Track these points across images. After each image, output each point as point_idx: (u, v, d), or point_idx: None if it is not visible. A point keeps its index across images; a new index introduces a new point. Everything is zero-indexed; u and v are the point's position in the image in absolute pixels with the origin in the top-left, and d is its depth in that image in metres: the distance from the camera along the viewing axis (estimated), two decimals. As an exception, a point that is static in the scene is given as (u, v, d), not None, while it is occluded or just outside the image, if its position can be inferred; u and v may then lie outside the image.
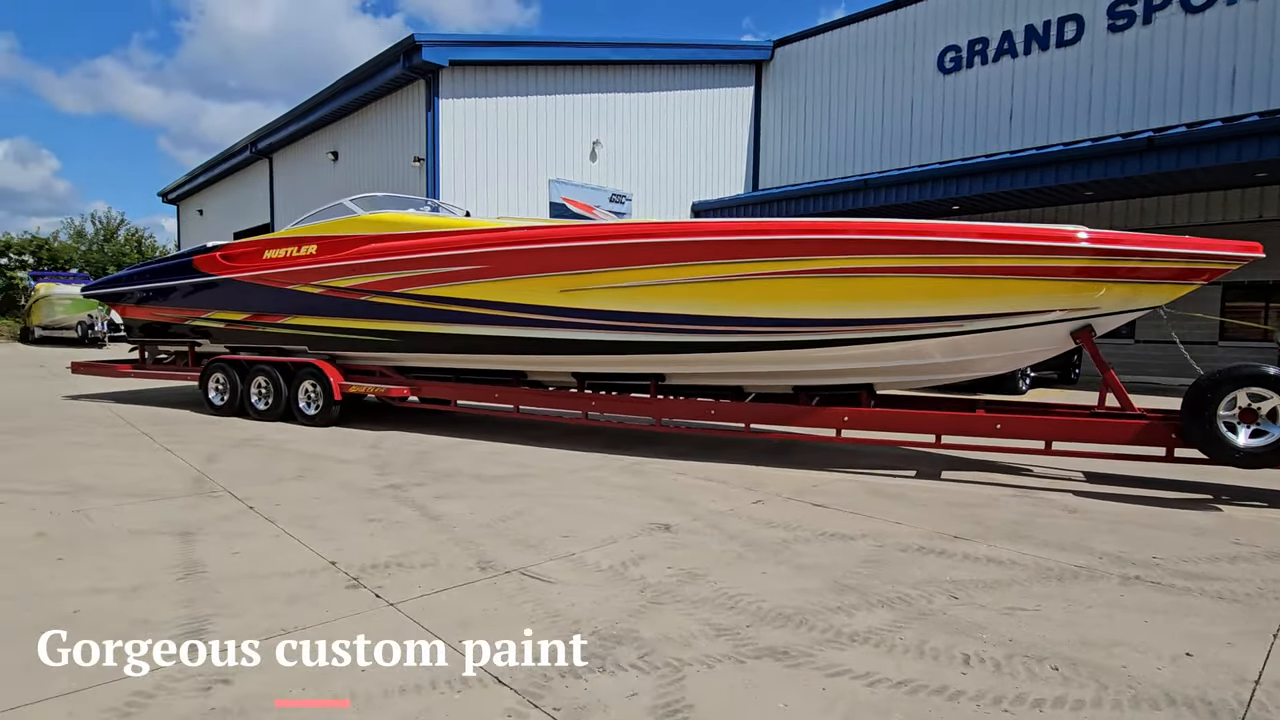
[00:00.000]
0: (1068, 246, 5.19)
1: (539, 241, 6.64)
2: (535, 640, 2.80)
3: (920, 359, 5.94)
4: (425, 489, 5.27)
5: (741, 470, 6.03)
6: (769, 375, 6.51)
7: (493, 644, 2.75)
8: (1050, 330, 5.57)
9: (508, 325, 6.93)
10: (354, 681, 2.49)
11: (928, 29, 18.51)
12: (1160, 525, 4.52)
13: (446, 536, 4.13)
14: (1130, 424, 5.22)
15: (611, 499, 5.05)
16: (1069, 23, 16.26)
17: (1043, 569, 3.70)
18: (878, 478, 5.82)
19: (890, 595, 3.32)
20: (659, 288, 6.19)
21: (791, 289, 5.83)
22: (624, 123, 18.69)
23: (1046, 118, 16.53)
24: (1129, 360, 15.05)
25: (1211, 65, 14.34)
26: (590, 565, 3.68)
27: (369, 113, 17.41)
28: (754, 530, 4.33)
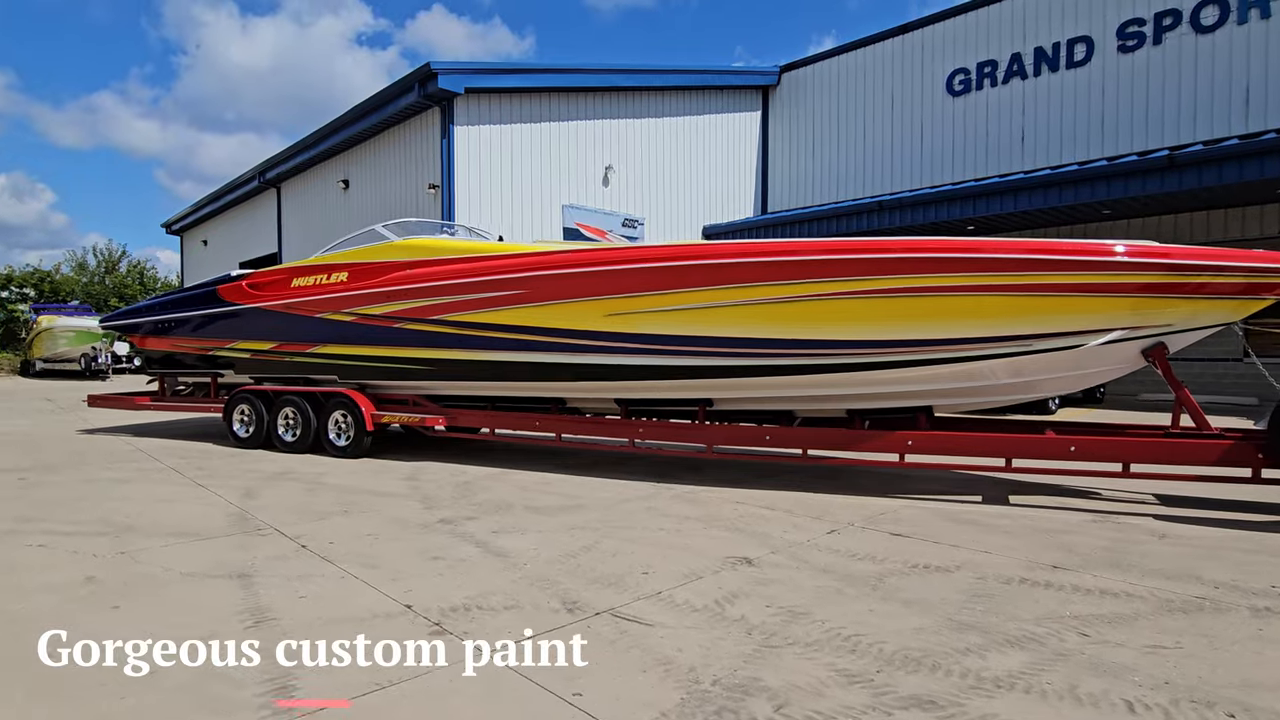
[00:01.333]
0: (1110, 261, 5.05)
1: (585, 265, 6.48)
2: (657, 691, 2.57)
3: (980, 380, 5.76)
4: (480, 523, 5.04)
5: (801, 498, 5.81)
6: (822, 399, 6.31)
7: (615, 698, 2.53)
8: (1119, 349, 5.40)
9: (550, 351, 6.74)
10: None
11: (935, 52, 18.64)
12: (1262, 550, 4.31)
13: (519, 575, 3.90)
14: (1214, 444, 5.03)
15: (678, 531, 4.82)
16: (1078, 45, 16.37)
17: (1162, 601, 3.49)
18: (945, 504, 5.61)
19: (1016, 634, 3.10)
20: (709, 310, 6.02)
21: (845, 310, 5.66)
22: (635, 148, 18.71)
23: (1059, 138, 16.56)
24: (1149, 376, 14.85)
25: (1225, 84, 14.40)
26: (683, 605, 3.46)
27: (381, 141, 17.40)
28: (841, 563, 4.11)
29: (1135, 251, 5.10)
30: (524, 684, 2.65)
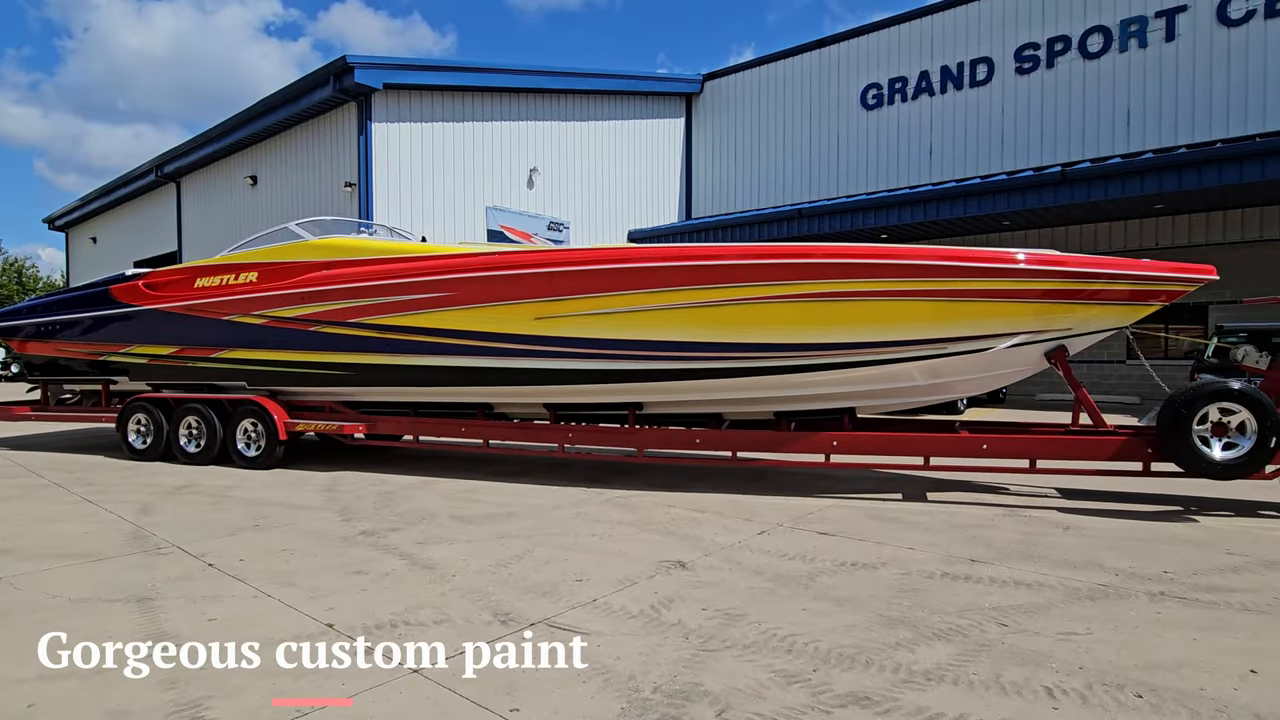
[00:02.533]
0: (1013, 268, 5.36)
1: (512, 267, 6.35)
2: (597, 702, 2.51)
3: (899, 382, 5.98)
4: (404, 534, 4.84)
5: (731, 500, 5.87)
6: (750, 401, 6.40)
7: (554, 711, 2.46)
8: (1025, 352, 5.71)
9: (476, 355, 6.58)
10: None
11: (850, 67, 19.36)
12: (1155, 539, 4.64)
13: (448, 587, 3.76)
14: (1109, 440, 5.39)
15: (611, 536, 4.78)
16: (980, 65, 17.36)
17: (1071, 589, 3.69)
18: (869, 502, 5.78)
19: (942, 627, 3.20)
20: (638, 314, 6.01)
21: (772, 314, 5.77)
22: (560, 151, 18.58)
23: (964, 153, 17.50)
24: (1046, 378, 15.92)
25: (1109, 106, 15.58)
26: (619, 611, 3.41)
27: (294, 136, 16.61)
28: (773, 563, 4.16)
29: (1034, 259, 5.41)
30: (458, 702, 2.54)
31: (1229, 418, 5.02)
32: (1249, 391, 4.95)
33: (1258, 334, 11.46)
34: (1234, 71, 14.11)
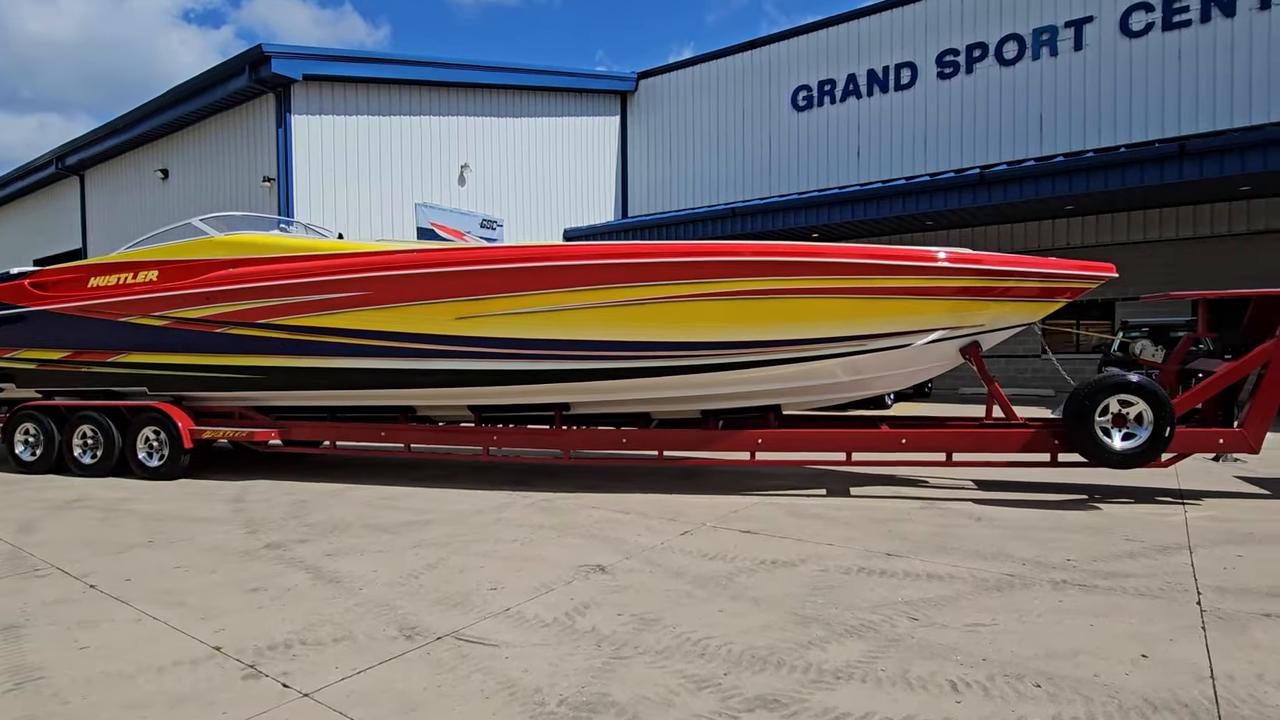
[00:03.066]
0: (933, 266, 5.50)
1: (432, 265, 6.15)
2: (500, 719, 2.41)
3: (822, 379, 6.05)
4: (312, 546, 4.61)
5: (656, 500, 5.82)
6: (678, 400, 6.37)
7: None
8: (941, 348, 5.85)
9: (396, 356, 6.34)
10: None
11: (781, 68, 19.64)
12: (1060, 527, 4.81)
13: (353, 602, 3.58)
14: (1019, 433, 5.57)
15: (531, 541, 4.66)
16: (904, 69, 17.85)
17: (979, 580, 3.77)
18: (792, 498, 5.82)
19: (854, 623, 3.21)
20: (563, 313, 5.90)
21: (698, 312, 5.75)
22: (493, 147, 18.25)
23: (889, 154, 17.97)
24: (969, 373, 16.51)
25: (1024, 111, 16.25)
26: (532, 620, 3.30)
27: (208, 128, 15.79)
28: (693, 564, 4.12)
29: (954, 258, 5.56)
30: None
31: (1128, 409, 5.25)
32: (1145, 384, 5.18)
33: (1159, 328, 12.14)
34: (1135, 80, 14.91)
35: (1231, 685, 2.61)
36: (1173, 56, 14.54)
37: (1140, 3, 14.83)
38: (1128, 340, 5.74)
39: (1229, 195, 13.70)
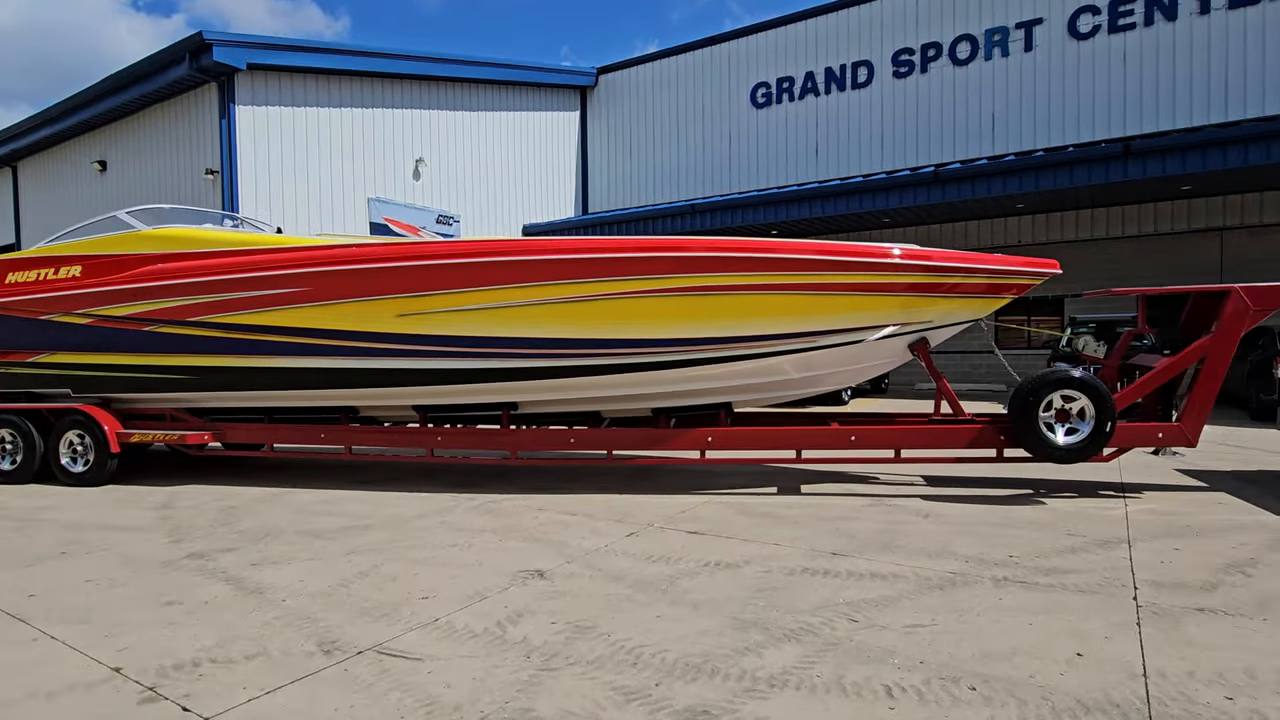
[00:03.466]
0: (887, 263, 5.49)
1: (372, 261, 5.93)
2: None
3: (774, 376, 5.99)
4: (238, 555, 4.39)
5: (606, 501, 5.70)
6: (628, 399, 6.26)
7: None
8: (891, 344, 5.84)
9: (336, 355, 6.11)
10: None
11: (740, 65, 19.65)
12: (1005, 523, 4.82)
13: (273, 615, 3.39)
14: (966, 429, 5.58)
15: (471, 546, 4.50)
16: (860, 68, 18.00)
17: (923, 579, 3.74)
18: (743, 497, 5.76)
19: (794, 627, 3.14)
20: (509, 310, 5.74)
21: (647, 308, 5.65)
22: (450, 141, 17.92)
23: (847, 152, 18.11)
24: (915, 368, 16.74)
25: (976, 110, 16.50)
26: (462, 631, 3.16)
27: (148, 118, 15.18)
28: (636, 567, 4.01)
29: (907, 254, 5.55)
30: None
31: (1070, 404, 5.30)
32: (1088, 379, 5.23)
33: (1104, 324, 12.42)
34: (1083, 81, 15.23)
35: (1163, 683, 2.59)
36: (1118, 59, 14.89)
37: (1087, 5, 15.16)
38: (1073, 336, 5.80)
39: (1171, 195, 14.08)
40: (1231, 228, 14.14)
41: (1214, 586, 3.58)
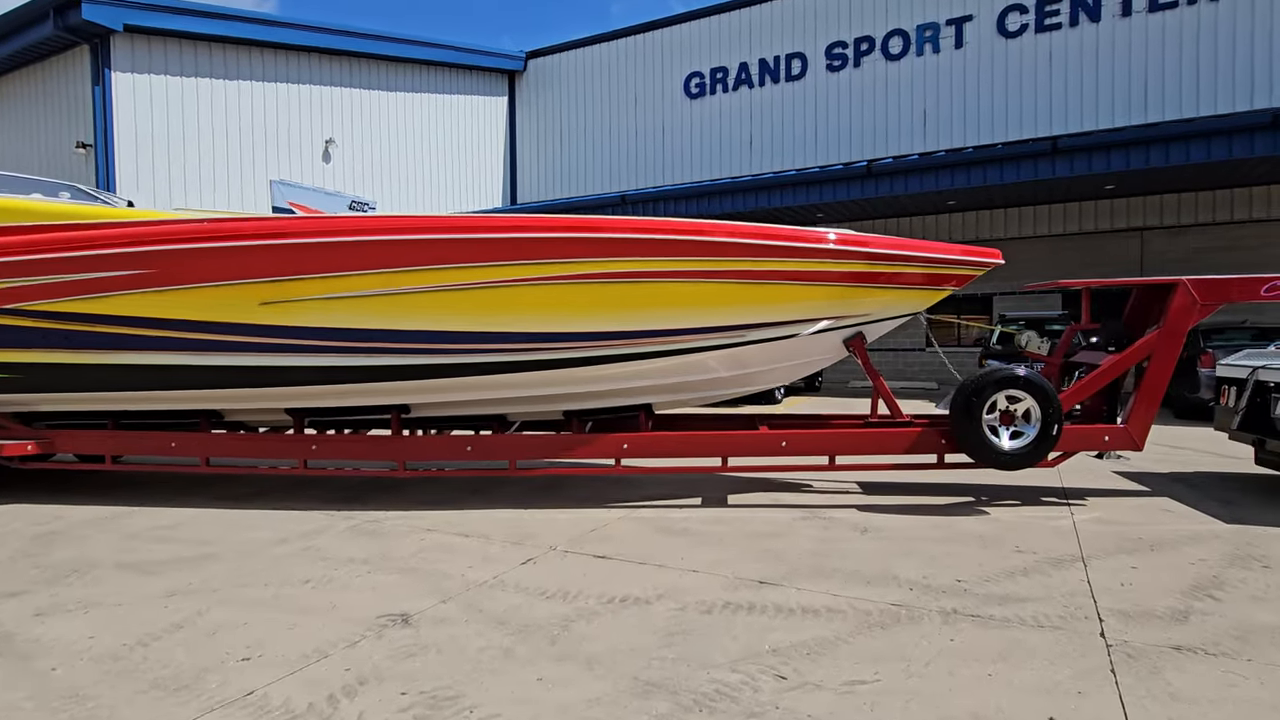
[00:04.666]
0: (823, 248, 4.97)
1: (231, 238, 5.03)
2: None
3: (700, 374, 5.39)
4: (24, 600, 3.49)
5: (506, 518, 4.98)
6: (536, 400, 5.55)
7: None
8: (826, 339, 5.32)
9: (187, 351, 5.18)
10: None
11: (674, 54, 19.13)
12: (948, 538, 4.33)
13: (24, 693, 2.56)
14: (904, 433, 5.10)
15: (330, 581, 3.71)
16: (794, 60, 17.73)
17: (862, 615, 3.17)
18: (663, 511, 5.12)
19: (707, 689, 2.51)
20: (396, 298, 4.95)
21: (557, 297, 4.96)
22: (365, 123, 16.76)
23: (781, 145, 17.82)
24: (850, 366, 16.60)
25: (908, 106, 16.43)
26: (277, 710, 2.41)
27: (10, 84, 13.53)
28: (525, 606, 3.32)
29: (843, 239, 5.03)
30: None
31: (1015, 405, 4.87)
32: (1033, 379, 4.82)
33: (1034, 322, 12.39)
34: (1011, 79, 15.31)
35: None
36: (1045, 58, 15.00)
37: (1015, 4, 15.23)
38: (1013, 332, 5.47)
39: (1095, 194, 14.24)
40: (1151, 228, 14.42)
41: (1184, 616, 3.14)
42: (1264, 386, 5.39)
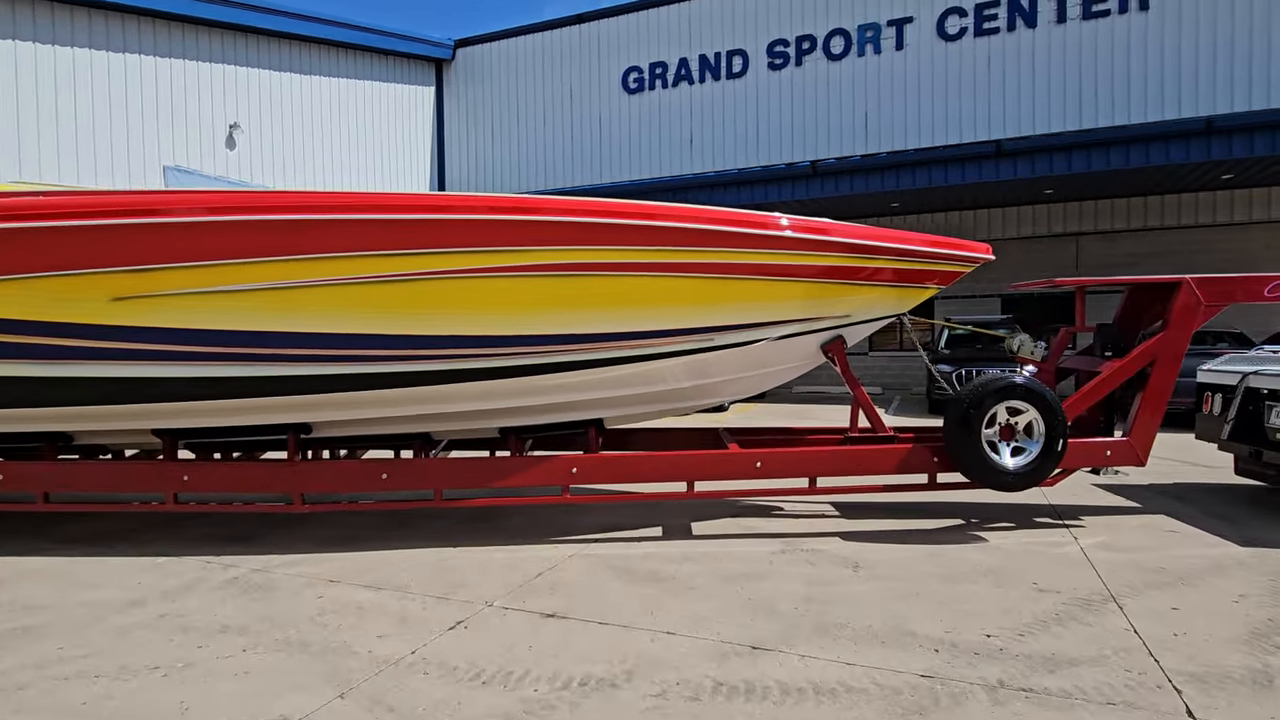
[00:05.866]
0: (809, 239, 4.34)
1: (69, 215, 3.98)
2: None
3: (660, 384, 4.65)
4: None
5: (430, 560, 4.10)
6: (467, 416, 4.69)
7: None
8: (803, 344, 4.68)
9: (19, 359, 4.10)
10: None
11: (611, 47, 18.39)
12: (954, 575, 3.73)
13: None
14: (892, 451, 4.49)
15: (188, 667, 2.78)
16: (736, 57, 17.26)
17: (890, 694, 2.49)
18: (619, 546, 4.35)
19: (718, 846, 1.76)
20: (287, 294, 4.02)
21: (490, 293, 4.14)
22: (276, 108, 15.34)
23: (723, 143, 17.31)
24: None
25: (850, 108, 16.18)
26: None
27: None
28: (451, 699, 2.49)
29: (804, 227, 4.37)
30: None
31: (1016, 418, 4.33)
32: (1037, 387, 4.29)
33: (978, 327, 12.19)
34: (951, 82, 15.24)
35: None
36: (984, 61, 14.99)
37: (954, 7, 15.17)
38: (1003, 335, 4.99)
39: (1034, 199, 14.29)
40: (1087, 233, 14.58)
41: (1268, 678, 2.59)
42: (1256, 394, 5.05)
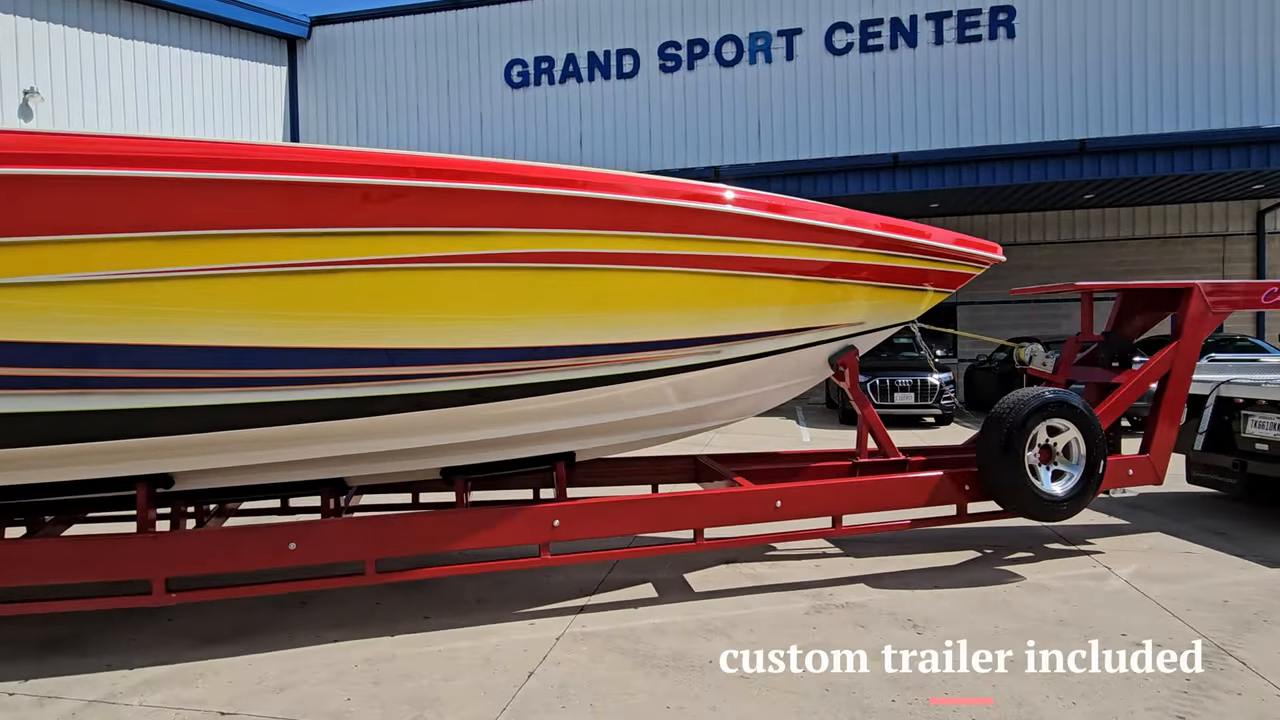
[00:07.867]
0: (844, 230, 3.68)
1: None
2: None
3: (649, 407, 3.77)
4: None
5: (367, 663, 2.94)
6: (396, 455, 3.53)
7: None
8: (813, 354, 3.97)
9: None
10: None
11: (492, 37, 17.17)
12: (1034, 633, 3.12)
13: None
14: (921, 481, 3.87)
15: None
16: (626, 56, 16.65)
17: None
18: (616, 617, 3.40)
19: None
20: (151, 286, 2.75)
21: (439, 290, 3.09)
22: (88, 74, 12.81)
23: (614, 144, 16.60)
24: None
25: (744, 115, 16.03)
26: None
27: None
28: None
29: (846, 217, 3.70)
30: None
31: (1055, 438, 3.85)
32: (1077, 403, 3.84)
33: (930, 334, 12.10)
34: (839, 95, 15.48)
35: None
36: (869, 77, 15.35)
37: (841, 22, 15.44)
38: (1014, 345, 4.59)
39: (922, 211, 14.74)
40: (966, 245, 15.21)
41: None
42: (1230, 403, 4.97)
